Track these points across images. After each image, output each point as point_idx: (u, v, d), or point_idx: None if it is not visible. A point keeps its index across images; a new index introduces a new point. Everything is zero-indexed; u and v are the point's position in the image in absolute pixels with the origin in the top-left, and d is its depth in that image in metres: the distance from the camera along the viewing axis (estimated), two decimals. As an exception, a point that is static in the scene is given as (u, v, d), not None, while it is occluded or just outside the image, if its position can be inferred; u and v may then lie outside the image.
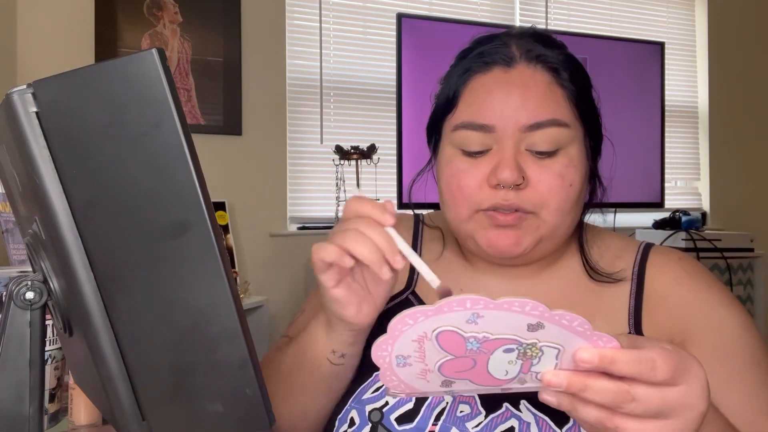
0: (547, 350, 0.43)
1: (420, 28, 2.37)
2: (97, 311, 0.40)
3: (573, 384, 0.43)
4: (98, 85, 0.37)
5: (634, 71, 2.76)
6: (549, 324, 0.42)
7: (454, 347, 0.43)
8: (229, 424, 0.43)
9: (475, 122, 0.68)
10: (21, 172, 0.41)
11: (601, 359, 0.42)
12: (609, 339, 0.43)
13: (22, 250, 1.21)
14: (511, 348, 0.43)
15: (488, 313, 0.42)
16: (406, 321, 0.43)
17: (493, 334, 0.43)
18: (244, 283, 2.40)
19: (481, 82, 0.69)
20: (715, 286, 0.71)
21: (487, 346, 0.43)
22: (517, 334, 0.43)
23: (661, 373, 0.43)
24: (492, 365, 0.44)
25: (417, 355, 0.44)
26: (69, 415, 0.88)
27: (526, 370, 0.44)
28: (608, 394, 0.43)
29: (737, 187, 3.33)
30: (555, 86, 0.68)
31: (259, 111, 2.53)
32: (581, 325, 0.43)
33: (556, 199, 0.67)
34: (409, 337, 0.44)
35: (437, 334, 0.43)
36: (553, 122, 0.67)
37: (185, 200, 0.39)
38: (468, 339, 0.43)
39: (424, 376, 0.45)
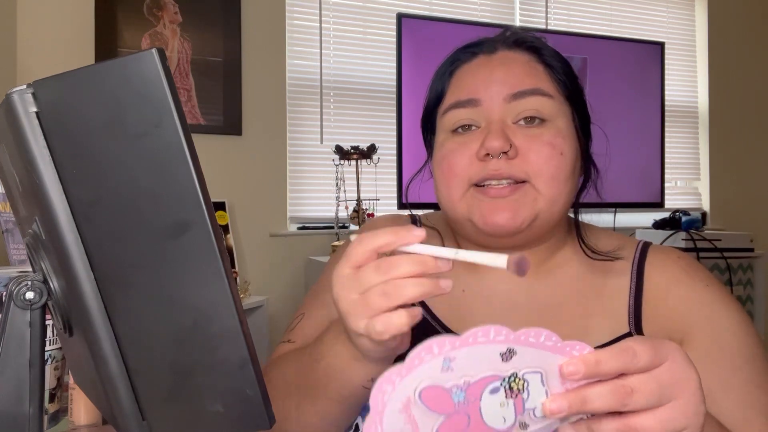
0: (530, 378, 0.43)
1: (420, 28, 2.37)
2: (97, 311, 0.40)
3: (573, 402, 0.43)
4: (98, 85, 0.37)
5: (634, 71, 2.76)
6: (519, 347, 0.42)
7: (441, 404, 0.42)
8: (229, 424, 0.43)
9: (461, 99, 0.71)
10: (21, 172, 0.41)
11: (586, 364, 0.42)
12: (582, 345, 0.43)
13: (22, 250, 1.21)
14: (496, 387, 0.42)
15: (458, 353, 0.41)
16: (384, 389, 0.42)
17: (473, 376, 0.42)
18: (244, 283, 2.40)
19: (467, 68, 0.73)
20: (713, 285, 0.71)
21: (472, 392, 0.42)
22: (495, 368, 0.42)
23: (643, 355, 0.43)
24: (486, 415, 0.43)
25: (410, 428, 0.42)
26: (69, 415, 0.88)
27: (520, 410, 0.43)
28: (608, 395, 0.42)
29: (737, 187, 3.33)
30: (536, 63, 0.72)
31: (259, 111, 2.53)
32: (548, 338, 0.42)
33: (548, 166, 0.67)
34: (395, 408, 0.42)
35: (420, 393, 0.42)
36: (536, 91, 0.69)
37: (185, 200, 0.39)
38: (451, 390, 0.42)
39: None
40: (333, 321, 0.63)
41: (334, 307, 0.53)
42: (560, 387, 0.43)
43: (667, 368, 0.43)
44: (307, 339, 0.76)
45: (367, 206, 2.44)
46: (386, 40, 2.69)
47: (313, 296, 0.81)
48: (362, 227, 0.87)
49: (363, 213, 2.41)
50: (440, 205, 0.74)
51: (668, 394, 0.43)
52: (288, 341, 0.78)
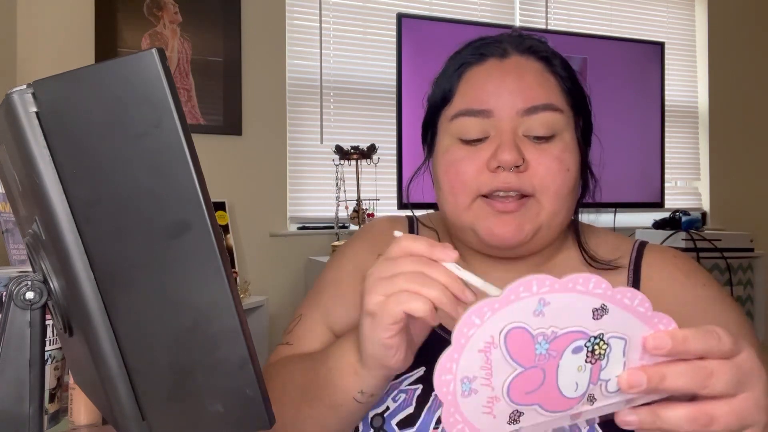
0: (614, 344, 0.42)
1: (420, 28, 2.37)
2: (97, 311, 0.40)
3: (652, 377, 0.41)
4: (98, 85, 0.37)
5: (634, 71, 2.76)
6: (612, 306, 0.41)
7: (523, 353, 0.41)
8: (229, 424, 0.43)
9: (473, 108, 0.69)
10: (21, 172, 0.41)
11: (674, 339, 0.41)
12: (668, 320, 0.42)
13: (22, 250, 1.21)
14: (580, 346, 0.42)
15: (554, 297, 0.41)
16: (472, 321, 0.41)
17: (561, 327, 0.41)
18: (244, 283, 2.40)
19: (477, 73, 0.71)
20: (710, 284, 0.71)
21: (555, 345, 0.41)
22: (584, 325, 0.41)
23: (726, 341, 0.42)
24: (561, 377, 0.42)
25: (484, 375, 0.41)
26: (69, 415, 0.88)
27: (594, 379, 0.42)
28: (688, 374, 0.41)
29: (737, 187, 3.33)
30: (548, 74, 0.71)
31: (259, 111, 2.53)
32: (642, 303, 0.42)
33: (555, 182, 0.67)
34: (476, 347, 0.41)
35: (506, 334, 0.41)
36: (549, 107, 0.68)
37: (185, 200, 0.39)
38: (537, 338, 0.41)
39: (491, 408, 0.42)
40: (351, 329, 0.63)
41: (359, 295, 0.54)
42: (638, 360, 0.42)
43: (744, 358, 0.43)
44: (304, 341, 0.76)
45: (367, 206, 2.44)
46: (386, 40, 2.69)
47: (310, 298, 0.81)
48: (362, 228, 0.87)
49: (363, 213, 2.41)
50: (443, 211, 0.73)
51: (744, 383, 0.42)
52: (286, 343, 0.78)
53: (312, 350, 0.74)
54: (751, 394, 0.42)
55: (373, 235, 0.82)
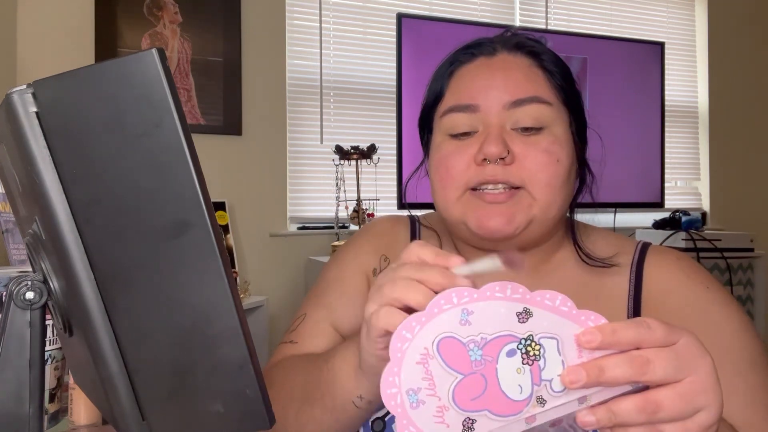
0: (546, 344, 0.43)
1: (420, 28, 2.37)
2: (97, 311, 0.40)
3: (590, 371, 0.42)
4: (98, 85, 0.37)
5: (634, 71, 2.76)
6: (535, 308, 0.43)
7: (458, 361, 0.43)
8: (229, 424, 0.43)
9: (461, 104, 0.71)
10: (21, 172, 0.41)
11: (603, 333, 0.42)
12: (597, 316, 0.44)
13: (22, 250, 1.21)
14: (512, 349, 0.43)
15: (476, 306, 0.43)
16: (403, 335, 0.43)
17: (489, 333, 0.43)
18: (244, 283, 2.40)
19: (466, 70, 0.73)
20: (713, 286, 0.71)
21: (488, 351, 0.43)
22: (511, 329, 0.43)
23: (657, 330, 0.43)
24: (503, 380, 0.43)
25: (427, 385, 0.43)
26: (69, 415, 0.88)
27: (537, 380, 0.43)
28: (624, 363, 0.42)
29: (737, 187, 3.33)
30: (536, 68, 0.72)
31: (259, 111, 2.53)
32: (563, 303, 0.43)
33: (544, 173, 0.67)
34: (413, 359, 0.43)
35: (437, 344, 0.43)
36: (535, 99, 0.69)
37: (185, 200, 0.39)
38: (468, 345, 0.43)
39: (442, 417, 0.43)
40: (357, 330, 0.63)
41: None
42: (576, 358, 0.43)
43: (681, 345, 0.43)
44: (308, 339, 0.76)
45: (367, 206, 2.44)
46: (386, 40, 2.69)
47: (313, 297, 0.81)
48: (363, 227, 0.87)
49: (363, 213, 2.41)
50: (436, 207, 0.74)
51: (684, 369, 0.43)
52: (290, 342, 0.78)
53: (317, 349, 0.74)
54: (696, 377, 0.43)
55: (374, 234, 0.83)
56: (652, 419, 0.42)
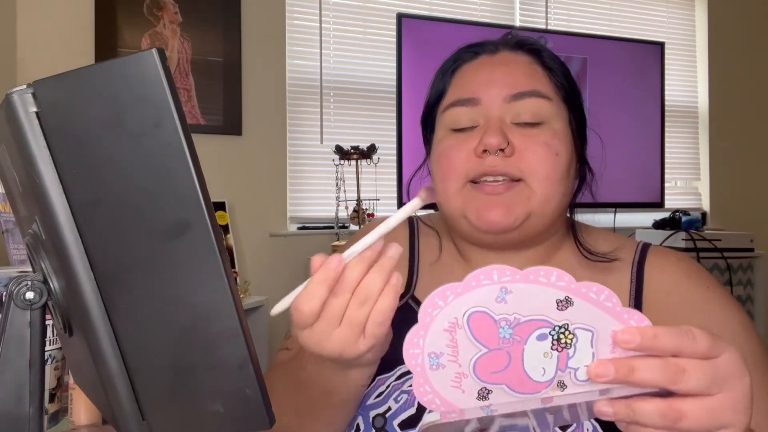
0: (581, 335, 0.42)
1: (420, 28, 2.37)
2: (97, 311, 0.40)
3: (620, 368, 0.41)
4: (98, 85, 0.37)
5: (634, 71, 2.76)
6: (577, 299, 0.42)
7: (486, 335, 0.42)
8: (229, 424, 0.43)
9: (463, 98, 0.72)
10: (21, 172, 0.41)
11: (642, 335, 0.41)
12: (640, 317, 0.42)
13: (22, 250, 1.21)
14: (544, 334, 0.42)
15: (516, 286, 0.42)
16: (436, 303, 0.42)
17: (524, 315, 0.42)
18: (244, 283, 2.40)
19: (469, 67, 0.75)
20: (713, 286, 0.71)
21: (519, 331, 0.42)
22: (548, 315, 0.42)
23: (701, 342, 0.41)
24: (527, 361, 0.43)
25: (450, 352, 0.43)
26: (69, 415, 0.88)
27: (563, 366, 0.43)
28: (658, 368, 0.41)
29: (737, 187, 3.33)
30: (536, 65, 0.73)
31: (259, 111, 2.53)
32: (609, 299, 0.42)
33: (543, 166, 0.68)
34: (441, 326, 0.43)
35: (468, 317, 0.42)
36: (535, 93, 0.70)
37: (185, 200, 0.39)
38: (499, 323, 0.42)
39: (459, 383, 0.43)
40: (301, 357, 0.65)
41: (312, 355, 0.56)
42: (608, 354, 0.42)
43: (722, 360, 0.42)
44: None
45: (367, 206, 2.44)
46: (386, 40, 2.69)
47: None
48: (363, 228, 0.87)
49: (363, 213, 2.41)
50: (437, 202, 0.74)
51: (720, 384, 0.42)
52: (286, 349, 0.78)
53: None
54: (729, 395, 0.42)
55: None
56: (671, 427, 0.41)
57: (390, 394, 0.68)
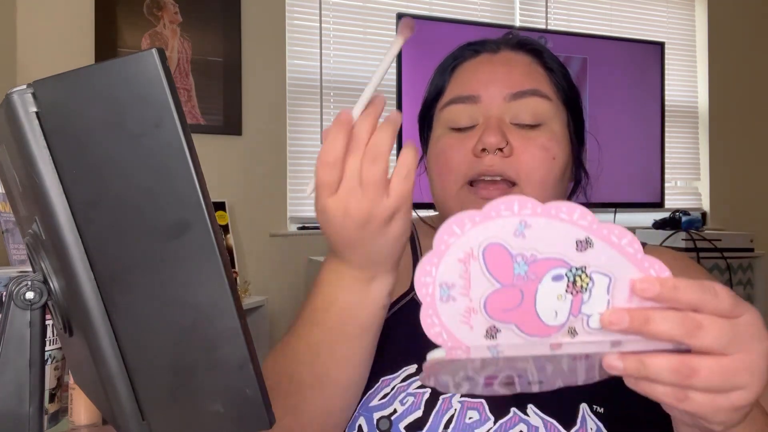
0: (597, 279, 0.40)
1: (420, 28, 2.37)
2: (97, 311, 0.40)
3: (635, 318, 0.39)
4: (98, 85, 0.37)
5: (634, 71, 2.76)
6: (597, 241, 0.40)
7: (501, 270, 0.41)
8: (229, 424, 0.43)
9: (462, 95, 0.72)
10: (21, 172, 0.41)
11: (662, 285, 0.39)
12: (661, 267, 0.41)
13: (22, 250, 1.21)
14: (560, 275, 0.41)
15: (536, 221, 0.40)
16: (453, 230, 0.41)
17: (541, 252, 0.40)
18: (244, 283, 2.40)
19: (469, 65, 0.75)
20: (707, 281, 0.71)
21: (534, 269, 0.41)
22: (566, 255, 0.40)
23: (724, 299, 0.40)
24: (540, 301, 0.41)
25: (462, 284, 0.41)
26: (69, 415, 0.88)
27: (575, 312, 0.41)
28: (674, 321, 0.39)
29: (737, 187, 3.33)
30: (536, 65, 0.73)
31: (259, 111, 2.53)
32: (631, 244, 0.40)
33: (539, 171, 0.68)
34: (455, 255, 0.41)
35: (484, 248, 0.41)
36: (535, 92, 0.70)
37: (185, 200, 0.39)
38: (515, 258, 0.41)
39: (468, 318, 0.41)
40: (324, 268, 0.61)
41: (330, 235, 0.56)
42: (625, 302, 0.41)
43: (743, 320, 0.41)
44: None
45: (367, 206, 2.44)
46: (386, 40, 2.69)
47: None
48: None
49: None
50: (434, 201, 0.74)
51: (738, 344, 0.40)
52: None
53: None
54: (746, 356, 0.40)
55: None
56: (683, 383, 0.40)
57: (395, 396, 0.68)
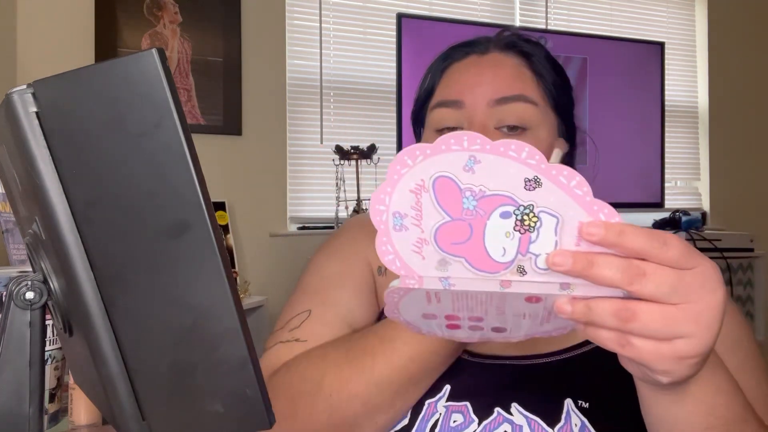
0: (545, 219, 0.41)
1: (420, 28, 2.38)
2: (97, 311, 0.40)
3: (578, 261, 0.39)
4: (98, 85, 0.37)
5: (634, 71, 2.76)
6: (546, 180, 0.40)
7: (450, 203, 0.42)
8: (229, 424, 0.43)
9: (447, 99, 0.72)
10: (21, 172, 0.41)
11: (608, 229, 0.39)
12: (612, 211, 0.40)
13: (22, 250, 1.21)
14: (508, 212, 0.41)
15: (485, 157, 0.41)
16: (405, 161, 0.42)
17: (490, 189, 0.41)
18: (244, 283, 2.40)
19: (458, 67, 0.74)
20: None
21: (483, 205, 0.41)
22: (514, 193, 0.41)
23: (673, 249, 0.39)
24: (489, 237, 0.41)
25: (414, 215, 0.42)
26: (69, 415, 0.88)
27: (523, 250, 0.41)
28: (616, 267, 0.39)
29: (737, 187, 3.33)
30: (524, 68, 0.72)
31: (259, 111, 2.53)
32: (579, 186, 0.40)
33: None
34: (407, 186, 0.42)
35: (434, 180, 0.42)
36: (520, 97, 0.69)
37: (185, 200, 0.39)
38: (464, 192, 0.41)
39: (420, 248, 0.43)
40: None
41: None
42: (573, 246, 0.41)
43: (693, 272, 0.40)
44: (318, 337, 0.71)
45: (367, 206, 2.44)
46: (386, 40, 2.69)
47: (314, 293, 0.77)
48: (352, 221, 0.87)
49: (363, 213, 2.41)
50: None
51: (683, 294, 0.40)
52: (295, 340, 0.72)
53: None
54: (693, 306, 0.40)
55: (362, 226, 0.82)
56: (622, 327, 0.40)
57: None
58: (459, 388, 0.67)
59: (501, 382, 0.67)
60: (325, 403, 0.62)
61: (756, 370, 0.66)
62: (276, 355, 0.72)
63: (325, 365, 0.65)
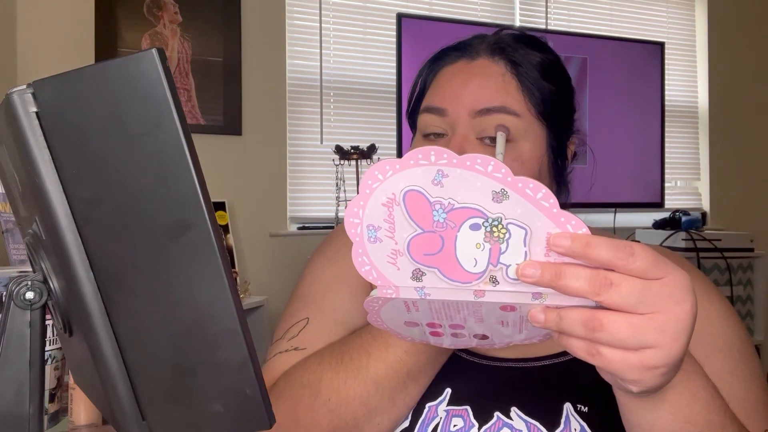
0: (513, 231, 0.42)
1: (420, 28, 2.38)
2: (97, 311, 0.40)
3: (546, 271, 0.40)
4: (98, 85, 0.37)
5: (634, 71, 2.76)
6: (513, 193, 0.41)
7: (421, 216, 0.43)
8: (229, 425, 0.43)
9: (432, 105, 0.71)
10: (21, 172, 0.41)
11: (574, 240, 0.40)
12: (579, 223, 0.42)
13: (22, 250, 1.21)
14: (477, 224, 0.42)
15: (452, 171, 0.42)
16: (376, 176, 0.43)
17: (459, 201, 0.42)
18: (244, 283, 2.40)
19: (447, 72, 0.73)
20: (703, 282, 0.71)
21: (453, 217, 0.42)
22: (482, 205, 0.42)
23: (640, 260, 0.40)
24: (460, 248, 0.43)
25: (387, 228, 0.44)
26: (69, 415, 0.88)
27: (494, 261, 0.42)
28: (583, 278, 0.40)
29: (737, 187, 3.33)
30: (510, 77, 0.70)
31: (259, 111, 2.53)
32: (546, 198, 0.41)
33: None
34: (379, 200, 0.43)
35: (405, 194, 0.43)
36: (502, 109, 0.68)
37: (185, 200, 0.39)
38: (434, 205, 0.43)
39: (395, 259, 0.44)
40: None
41: None
42: (542, 257, 0.42)
43: (661, 283, 0.41)
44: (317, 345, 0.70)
45: (367, 206, 2.44)
46: (386, 40, 2.69)
47: (311, 301, 0.77)
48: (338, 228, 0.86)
49: (363, 213, 2.41)
50: None
51: (650, 304, 0.40)
52: (294, 349, 0.71)
53: None
54: (659, 316, 0.40)
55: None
56: (591, 336, 0.41)
57: None
58: (459, 391, 0.67)
59: (501, 385, 0.67)
60: (325, 407, 0.62)
61: (747, 374, 0.66)
62: (276, 365, 0.71)
63: (321, 369, 0.64)
